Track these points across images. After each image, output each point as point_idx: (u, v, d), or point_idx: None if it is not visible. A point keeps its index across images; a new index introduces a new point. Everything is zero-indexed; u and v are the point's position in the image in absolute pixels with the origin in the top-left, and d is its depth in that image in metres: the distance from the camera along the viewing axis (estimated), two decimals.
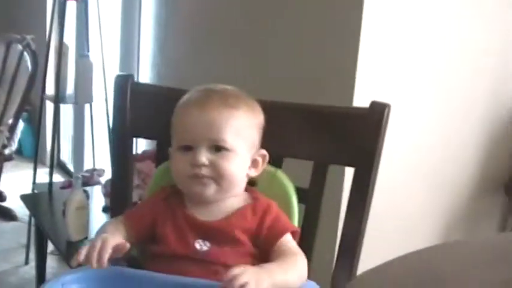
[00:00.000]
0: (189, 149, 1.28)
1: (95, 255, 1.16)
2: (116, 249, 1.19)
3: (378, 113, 1.35)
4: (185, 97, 1.33)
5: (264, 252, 1.28)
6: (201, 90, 1.33)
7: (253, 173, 1.34)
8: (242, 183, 1.33)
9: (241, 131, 1.28)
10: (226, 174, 1.27)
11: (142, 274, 1.21)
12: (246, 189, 1.35)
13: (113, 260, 1.33)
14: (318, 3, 2.05)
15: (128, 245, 1.20)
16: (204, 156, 1.26)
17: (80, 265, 1.17)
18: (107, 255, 1.17)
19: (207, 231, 1.27)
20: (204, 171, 1.26)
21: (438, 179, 2.21)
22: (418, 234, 2.16)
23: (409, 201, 2.14)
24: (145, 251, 1.33)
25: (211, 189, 1.28)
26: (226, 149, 1.26)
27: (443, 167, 2.21)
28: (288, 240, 1.29)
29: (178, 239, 1.27)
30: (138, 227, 1.32)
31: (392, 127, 1.38)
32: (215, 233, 1.27)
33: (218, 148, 1.26)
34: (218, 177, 1.27)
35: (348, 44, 1.91)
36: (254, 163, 1.33)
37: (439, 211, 2.26)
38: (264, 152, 1.35)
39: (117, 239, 1.21)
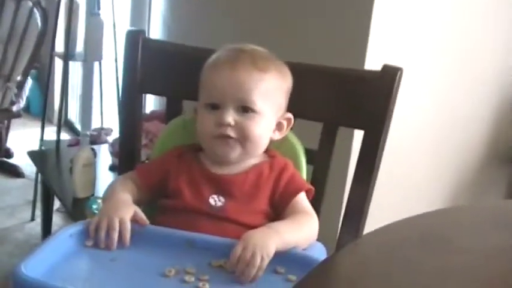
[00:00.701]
0: (216, 107, 1.27)
1: (115, 237, 1.16)
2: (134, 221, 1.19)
3: (389, 77, 1.34)
4: (215, 55, 1.32)
5: (278, 211, 1.29)
6: (231, 49, 1.32)
7: (277, 136, 1.34)
8: (265, 145, 1.32)
9: (269, 95, 1.28)
10: (251, 136, 1.27)
11: (147, 227, 1.22)
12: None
13: None
14: None
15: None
16: (231, 116, 1.25)
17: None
18: (128, 236, 1.17)
19: (222, 185, 1.28)
20: (230, 131, 1.26)
21: (445, 146, 2.21)
22: (424, 201, 2.17)
23: (415, 167, 2.14)
24: (153, 204, 1.34)
25: (236, 152, 1.28)
26: (253, 111, 1.26)
27: (451, 135, 2.21)
28: (302, 199, 1.30)
29: (193, 193, 1.28)
30: (150, 183, 1.33)
31: (401, 92, 1.37)
32: (230, 187, 1.27)
33: (245, 109, 1.26)
34: (243, 138, 1.27)
35: (362, 7, 1.89)
36: (279, 126, 1.33)
37: (445, 179, 2.26)
38: (289, 115, 1.34)
39: (131, 210, 1.20)
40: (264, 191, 1.28)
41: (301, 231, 1.23)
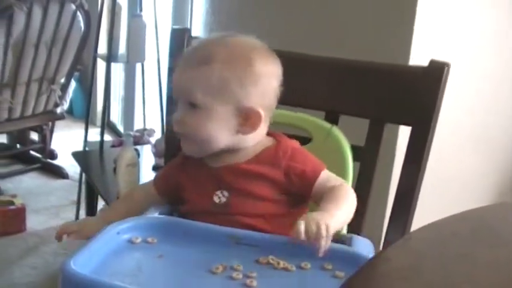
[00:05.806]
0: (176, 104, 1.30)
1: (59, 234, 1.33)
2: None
3: (437, 72, 1.32)
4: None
5: (301, 196, 1.27)
6: (195, 42, 1.37)
7: (248, 131, 1.26)
8: (222, 140, 1.26)
9: (215, 88, 1.22)
10: (193, 131, 1.25)
11: (194, 224, 1.22)
12: (271, 134, 1.31)
13: (167, 212, 1.35)
14: None
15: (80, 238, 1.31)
16: (179, 113, 1.26)
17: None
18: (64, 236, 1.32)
19: (223, 178, 1.27)
20: (178, 128, 1.27)
21: (491, 143, 2.17)
22: (470, 199, 2.13)
23: (461, 164, 2.11)
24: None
25: (188, 146, 1.29)
26: (198, 106, 1.23)
27: (496, 131, 2.17)
28: (327, 175, 1.26)
29: (198, 194, 1.29)
30: (163, 191, 1.37)
31: (447, 88, 1.35)
32: (230, 178, 1.26)
33: (192, 105, 1.24)
34: (188, 134, 1.27)
35: (406, 2, 1.87)
36: (246, 121, 1.25)
37: (492, 176, 2.23)
38: (254, 109, 1.24)
39: (74, 230, 1.33)
40: (270, 178, 1.25)
41: (347, 206, 1.20)
